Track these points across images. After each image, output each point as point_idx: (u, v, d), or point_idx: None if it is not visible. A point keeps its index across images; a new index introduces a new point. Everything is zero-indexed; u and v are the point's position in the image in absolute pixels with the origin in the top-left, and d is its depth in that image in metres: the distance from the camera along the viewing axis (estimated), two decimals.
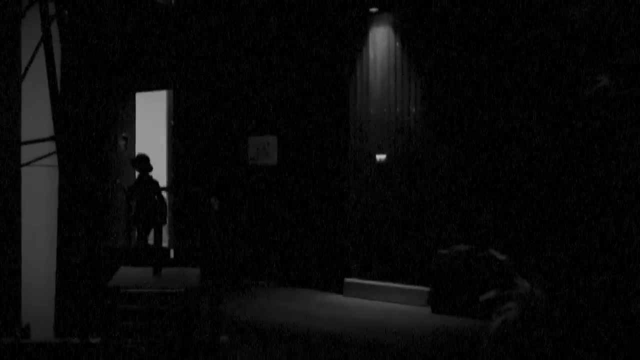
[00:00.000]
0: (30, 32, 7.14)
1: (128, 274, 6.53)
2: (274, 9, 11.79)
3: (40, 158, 7.11)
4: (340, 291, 10.81)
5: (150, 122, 13.27)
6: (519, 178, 9.44)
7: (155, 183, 10.55)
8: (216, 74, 12.44)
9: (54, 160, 7.17)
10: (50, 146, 7.12)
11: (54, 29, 7.03)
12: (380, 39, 10.74)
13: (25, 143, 7.10)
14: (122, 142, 12.26)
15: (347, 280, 10.71)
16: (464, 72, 9.90)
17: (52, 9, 6.96)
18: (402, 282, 10.34)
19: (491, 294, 5.97)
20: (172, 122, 12.94)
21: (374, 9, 10.73)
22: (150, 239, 10.55)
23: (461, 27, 9.92)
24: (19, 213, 7.23)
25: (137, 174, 11.00)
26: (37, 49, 6.97)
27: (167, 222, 11.48)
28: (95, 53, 7.62)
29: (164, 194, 11.18)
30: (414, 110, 10.41)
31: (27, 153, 7.20)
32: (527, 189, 9.30)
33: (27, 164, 7.15)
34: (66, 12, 7.06)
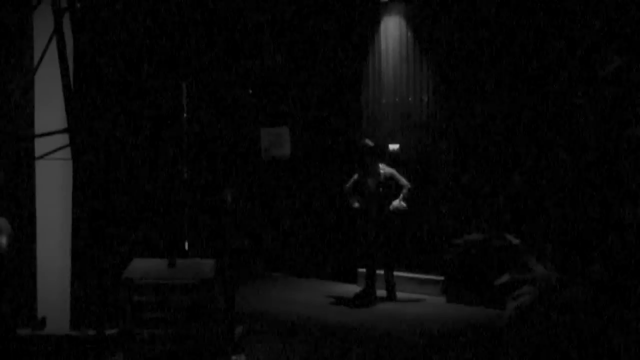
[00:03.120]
0: (42, 25, 7.14)
1: (142, 266, 6.53)
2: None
3: (53, 151, 7.12)
4: (354, 281, 10.80)
5: None
6: (533, 162, 9.39)
7: None
8: (227, 66, 12.42)
9: (67, 153, 7.18)
10: (64, 139, 7.13)
11: (66, 21, 7.03)
12: (392, 28, 10.70)
13: (39, 136, 7.12)
14: None
15: (361, 270, 10.70)
16: (476, 61, 9.86)
17: (64, 1, 6.96)
18: (417, 272, 10.33)
19: (505, 277, 5.94)
20: (184, 115, 12.93)
21: None
22: None
23: (473, 15, 9.87)
24: (33, 206, 7.26)
25: None
26: (49, 41, 6.96)
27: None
28: (107, 46, 7.63)
29: None
30: (426, 99, 10.39)
31: (40, 146, 7.22)
32: (542, 173, 9.25)
33: (41, 157, 7.16)
34: (78, 4, 7.06)
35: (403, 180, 9.76)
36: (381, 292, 9.89)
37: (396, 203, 9.71)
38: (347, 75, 11.33)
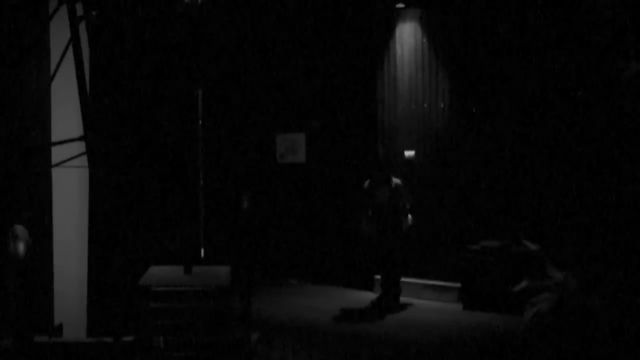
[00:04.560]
0: (58, 33, 7.17)
1: (159, 273, 6.55)
2: (300, 6, 11.76)
3: (70, 159, 7.14)
4: (370, 288, 10.76)
5: None
6: (552, 168, 9.35)
7: None
8: (243, 73, 12.44)
9: (84, 160, 7.21)
10: (81, 146, 7.15)
11: (82, 29, 7.06)
12: (407, 35, 10.68)
13: (55, 144, 7.14)
14: None
15: (378, 277, 10.66)
16: (491, 66, 9.83)
17: (80, 9, 6.99)
18: (433, 279, 10.28)
19: (524, 284, 5.90)
20: (200, 122, 12.95)
21: (400, 5, 10.67)
22: None
23: (488, 20, 9.84)
24: (50, 214, 7.28)
25: None
26: (66, 49, 6.99)
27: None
28: (123, 53, 7.66)
29: None
30: (442, 105, 10.36)
31: (57, 154, 7.24)
32: (561, 179, 9.21)
33: (57, 164, 7.19)
34: (94, 12, 7.09)
35: (406, 197, 9.77)
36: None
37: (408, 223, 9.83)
38: (362, 82, 11.31)
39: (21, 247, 6.10)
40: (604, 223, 7.80)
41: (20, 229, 6.18)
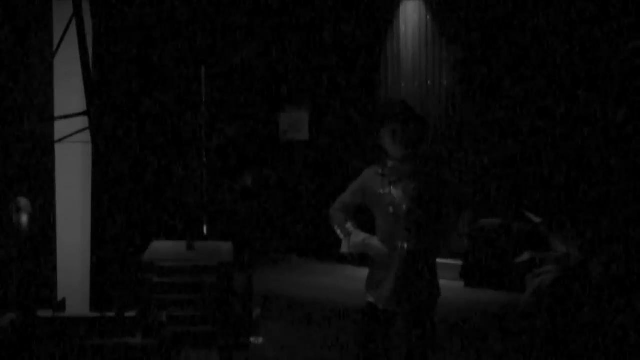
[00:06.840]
0: (61, 8, 7.14)
1: (162, 248, 6.57)
2: None
3: (73, 134, 7.13)
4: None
5: None
6: (554, 141, 9.32)
7: None
8: (246, 50, 12.39)
9: (87, 136, 7.20)
10: (83, 122, 7.14)
11: (86, 4, 7.04)
12: (411, 12, 10.63)
13: (58, 118, 7.13)
14: None
15: None
16: (496, 44, 9.78)
17: None
18: None
19: (526, 256, 5.89)
20: (203, 99, 12.92)
21: None
22: None
23: None
24: (53, 189, 7.28)
25: None
26: (68, 24, 6.96)
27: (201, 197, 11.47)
28: (126, 29, 7.63)
29: None
30: (445, 83, 10.32)
31: (60, 129, 7.23)
32: (563, 152, 9.19)
33: (61, 140, 7.18)
34: None
35: None
36: None
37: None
38: (366, 59, 11.27)
39: (24, 218, 6.11)
40: (605, 196, 7.78)
41: (23, 201, 6.18)
